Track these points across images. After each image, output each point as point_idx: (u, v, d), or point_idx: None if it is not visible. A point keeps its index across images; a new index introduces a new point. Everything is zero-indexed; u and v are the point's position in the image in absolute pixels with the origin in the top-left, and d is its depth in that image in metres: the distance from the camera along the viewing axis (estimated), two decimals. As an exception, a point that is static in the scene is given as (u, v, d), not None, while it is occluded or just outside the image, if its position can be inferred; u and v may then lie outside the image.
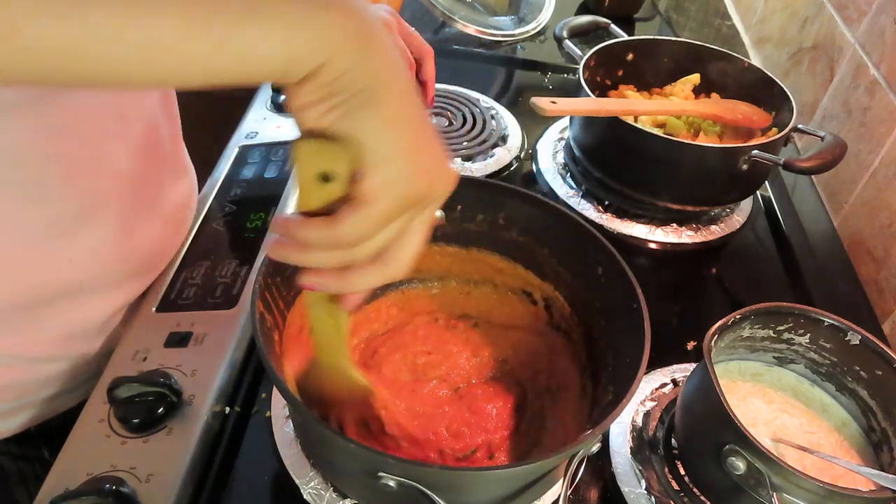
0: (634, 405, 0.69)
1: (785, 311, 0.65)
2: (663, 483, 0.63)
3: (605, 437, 0.66)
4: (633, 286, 0.58)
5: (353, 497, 0.58)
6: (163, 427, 0.60)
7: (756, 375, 0.69)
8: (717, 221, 0.95)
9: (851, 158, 0.91)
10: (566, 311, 0.68)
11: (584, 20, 1.11)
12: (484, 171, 0.97)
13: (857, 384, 0.64)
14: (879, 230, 0.86)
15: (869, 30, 0.94)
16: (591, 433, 0.50)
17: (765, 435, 0.63)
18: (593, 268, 0.63)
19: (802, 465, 0.59)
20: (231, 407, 0.65)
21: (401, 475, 0.47)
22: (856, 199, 0.92)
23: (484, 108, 1.08)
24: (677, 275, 0.90)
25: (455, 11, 1.24)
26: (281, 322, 0.60)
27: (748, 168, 0.84)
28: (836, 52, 1.03)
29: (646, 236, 0.91)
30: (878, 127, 0.89)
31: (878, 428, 0.63)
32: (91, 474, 0.57)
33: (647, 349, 0.54)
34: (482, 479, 0.51)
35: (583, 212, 0.92)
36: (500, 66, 1.24)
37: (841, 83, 1.00)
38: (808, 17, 1.13)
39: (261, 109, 1.01)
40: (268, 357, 0.50)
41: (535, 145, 1.04)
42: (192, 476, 0.59)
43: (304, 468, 0.60)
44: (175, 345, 0.67)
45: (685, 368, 0.73)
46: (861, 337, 0.63)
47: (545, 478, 0.52)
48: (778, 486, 0.53)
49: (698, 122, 0.95)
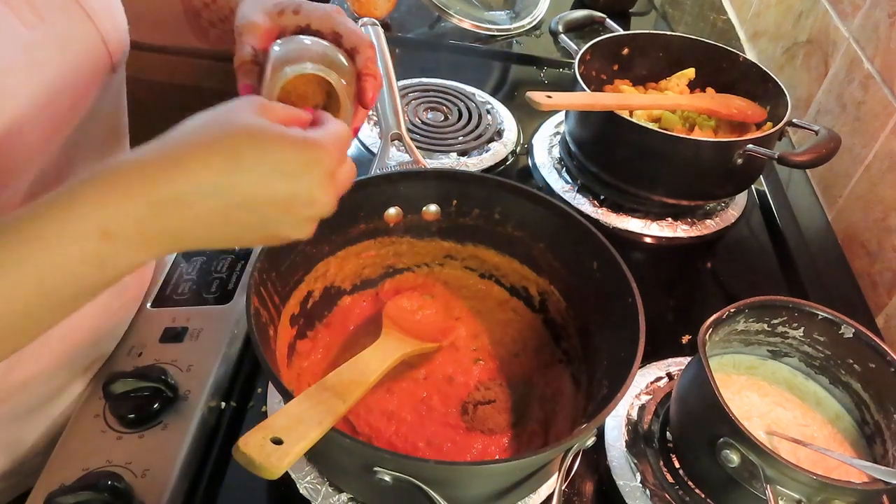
0: (629, 399, 0.69)
1: (779, 305, 0.65)
2: (658, 476, 0.63)
3: (601, 431, 0.66)
4: (629, 280, 0.58)
5: (348, 492, 0.58)
6: (158, 422, 0.60)
7: (750, 369, 0.69)
8: (712, 216, 0.95)
9: (845, 152, 0.92)
10: (561, 306, 0.68)
11: (580, 14, 1.11)
12: (480, 165, 0.97)
13: (850, 377, 0.65)
14: (873, 224, 0.87)
15: (863, 24, 0.94)
16: (586, 427, 0.50)
17: (759, 428, 0.63)
18: (588, 262, 0.64)
19: (796, 458, 0.60)
20: (227, 402, 0.65)
21: (396, 470, 0.47)
22: (850, 193, 0.92)
23: (480, 103, 1.07)
24: (672, 269, 0.90)
25: (450, 6, 1.24)
26: (276, 317, 0.60)
27: (743, 162, 0.84)
28: (830, 46, 1.03)
29: (641, 230, 0.91)
30: (872, 121, 0.89)
31: (872, 421, 0.63)
32: (87, 470, 0.57)
33: (641, 343, 0.54)
34: (477, 474, 0.51)
35: (578, 206, 0.92)
36: (496, 61, 1.24)
37: (835, 77, 1.00)
38: (803, 12, 1.14)
39: (255, 104, 1.01)
40: (263, 352, 0.50)
41: (530, 140, 1.04)
42: (188, 471, 0.59)
43: (299, 463, 0.60)
44: (170, 340, 0.67)
45: (680, 362, 0.73)
46: (855, 330, 0.63)
47: (540, 472, 0.53)
48: (772, 478, 0.53)
49: (693, 117, 0.95)
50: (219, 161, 0.40)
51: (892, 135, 0.85)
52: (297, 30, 0.54)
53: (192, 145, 0.40)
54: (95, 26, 0.54)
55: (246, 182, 0.40)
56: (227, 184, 0.40)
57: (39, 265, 0.37)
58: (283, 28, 0.54)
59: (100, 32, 0.55)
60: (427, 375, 0.66)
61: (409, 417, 0.62)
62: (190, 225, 0.40)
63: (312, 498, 0.58)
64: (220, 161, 0.40)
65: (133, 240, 0.39)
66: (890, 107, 0.86)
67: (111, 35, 0.56)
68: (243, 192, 0.41)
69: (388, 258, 0.72)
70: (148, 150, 0.40)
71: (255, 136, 0.40)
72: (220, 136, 0.40)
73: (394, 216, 0.69)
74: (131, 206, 0.38)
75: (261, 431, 0.42)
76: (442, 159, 0.96)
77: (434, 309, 0.71)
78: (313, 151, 0.42)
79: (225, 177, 0.40)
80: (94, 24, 0.54)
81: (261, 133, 0.41)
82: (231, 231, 0.42)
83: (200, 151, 0.40)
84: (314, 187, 0.43)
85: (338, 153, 0.44)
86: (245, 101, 0.43)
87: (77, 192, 0.38)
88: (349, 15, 1.23)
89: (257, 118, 0.41)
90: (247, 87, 0.52)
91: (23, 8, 0.49)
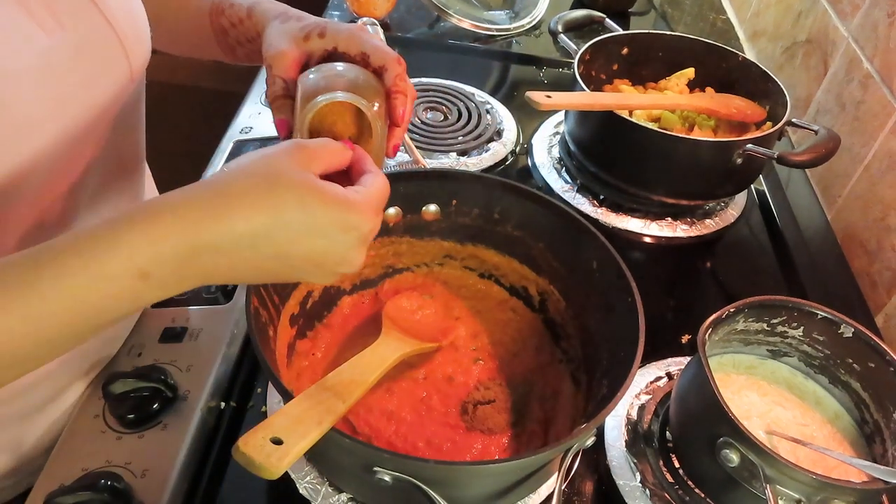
0: (629, 398, 0.69)
1: (778, 305, 0.65)
2: (658, 476, 0.63)
3: (600, 431, 0.66)
4: (628, 280, 0.58)
5: (348, 492, 0.58)
6: (158, 422, 0.60)
7: (750, 368, 0.69)
8: (711, 215, 0.95)
9: (845, 152, 0.92)
10: (561, 306, 0.68)
11: (579, 14, 1.11)
12: (479, 165, 0.97)
13: (849, 377, 0.65)
14: (873, 223, 0.87)
15: (862, 24, 0.95)
16: (586, 427, 0.50)
17: (758, 427, 0.63)
18: (588, 262, 0.64)
19: (796, 458, 0.60)
20: (226, 402, 0.65)
21: (395, 470, 0.47)
22: (849, 193, 0.92)
23: (479, 103, 1.07)
24: (672, 269, 0.90)
25: (450, 6, 1.24)
26: (276, 317, 0.60)
27: (742, 162, 0.84)
28: (829, 45, 1.03)
29: (640, 230, 0.91)
30: (872, 121, 0.89)
31: (871, 420, 0.63)
32: (86, 470, 0.57)
33: (641, 343, 0.54)
34: (477, 474, 0.51)
35: (578, 206, 0.93)
36: (496, 61, 1.24)
37: (834, 77, 1.00)
38: (802, 11, 1.14)
39: (255, 104, 1.01)
40: (262, 352, 0.50)
41: (530, 140, 1.04)
42: (188, 471, 0.59)
43: (299, 463, 0.60)
44: (170, 340, 0.67)
45: (680, 362, 0.73)
46: (854, 330, 0.63)
47: (540, 471, 0.53)
48: (771, 477, 0.53)
49: (693, 117, 0.95)
50: (261, 218, 0.40)
51: (891, 134, 0.85)
52: (324, 54, 0.55)
53: (236, 196, 0.40)
54: (116, 33, 0.54)
55: (283, 239, 0.41)
56: (265, 239, 0.41)
57: (76, 299, 0.38)
58: (311, 54, 0.55)
59: (120, 40, 0.54)
60: (427, 375, 0.66)
61: (409, 417, 0.62)
62: (224, 270, 0.41)
63: (312, 498, 0.58)
64: (262, 218, 0.40)
65: (168, 280, 0.40)
66: (889, 106, 0.86)
67: (132, 43, 0.56)
68: (279, 247, 0.42)
69: (387, 258, 0.72)
70: (193, 193, 0.41)
71: (300, 195, 0.41)
72: (265, 191, 0.41)
73: (393, 216, 0.69)
74: (171, 251, 0.39)
75: (260, 431, 0.42)
76: (442, 159, 0.96)
77: (434, 309, 0.71)
78: (354, 215, 0.43)
79: (264, 232, 0.41)
80: (115, 31, 0.54)
81: (305, 192, 0.41)
82: (260, 275, 0.44)
83: (244, 206, 0.40)
84: (349, 249, 0.44)
85: (376, 216, 0.45)
86: (290, 149, 0.43)
87: (119, 230, 0.39)
88: (349, 15, 1.23)
89: (302, 173, 0.42)
90: (282, 122, 0.54)
91: (43, 14, 0.48)
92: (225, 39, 0.66)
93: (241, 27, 0.64)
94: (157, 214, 0.39)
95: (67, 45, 0.50)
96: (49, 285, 0.37)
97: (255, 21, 0.62)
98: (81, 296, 0.38)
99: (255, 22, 0.62)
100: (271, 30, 0.57)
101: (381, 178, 0.47)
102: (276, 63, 0.54)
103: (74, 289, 0.38)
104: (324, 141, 0.46)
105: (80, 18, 0.51)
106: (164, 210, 0.40)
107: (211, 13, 0.65)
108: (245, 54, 0.66)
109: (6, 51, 0.46)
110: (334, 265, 0.45)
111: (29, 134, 0.48)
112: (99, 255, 0.38)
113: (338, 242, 0.43)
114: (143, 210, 0.40)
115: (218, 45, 0.67)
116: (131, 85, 0.58)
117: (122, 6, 0.55)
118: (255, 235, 0.41)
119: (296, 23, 0.57)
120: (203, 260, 0.40)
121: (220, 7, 0.65)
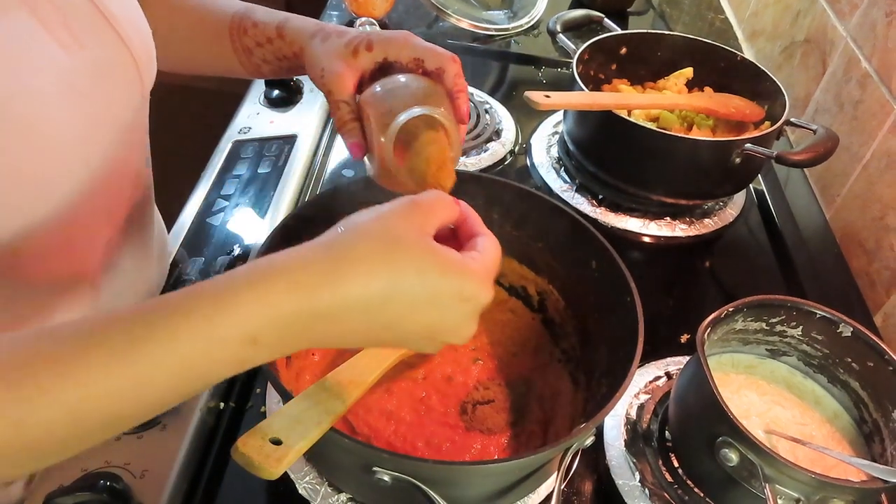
0: (628, 398, 0.69)
1: (777, 304, 0.65)
2: (657, 475, 0.63)
3: (600, 430, 0.66)
4: (627, 280, 0.58)
5: (347, 492, 0.58)
6: (157, 423, 0.60)
7: (749, 368, 0.69)
8: (710, 215, 0.95)
9: (843, 151, 0.92)
10: (560, 305, 0.68)
11: (578, 14, 1.11)
12: (478, 165, 0.97)
13: (848, 376, 0.65)
14: (871, 222, 0.87)
15: (860, 23, 0.95)
16: (585, 426, 0.50)
17: (758, 427, 0.63)
18: (587, 262, 0.64)
19: (795, 457, 0.60)
20: (226, 402, 0.65)
21: (395, 470, 0.47)
22: (848, 192, 0.93)
23: (478, 103, 1.07)
24: (671, 268, 0.90)
25: (448, 6, 1.23)
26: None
27: (741, 161, 0.84)
28: (828, 45, 1.03)
29: (639, 230, 0.91)
30: (870, 120, 0.89)
31: (870, 419, 0.63)
32: (85, 470, 0.57)
33: (640, 342, 0.54)
34: (476, 474, 0.52)
35: (577, 206, 0.93)
36: (494, 61, 1.24)
37: (833, 76, 1.00)
38: (801, 11, 1.14)
39: (254, 105, 1.01)
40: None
41: (529, 139, 1.04)
42: (187, 472, 0.59)
43: (299, 463, 0.60)
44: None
45: (679, 361, 0.73)
46: (853, 329, 0.63)
47: (539, 471, 0.53)
48: (770, 477, 0.54)
49: (691, 116, 0.96)
50: (378, 284, 0.39)
51: (889, 134, 0.85)
52: (375, 67, 0.55)
53: (353, 262, 0.39)
54: (130, 52, 0.53)
55: (397, 309, 0.40)
56: (380, 307, 0.39)
57: (183, 363, 0.36)
58: (363, 70, 0.55)
59: (135, 60, 0.53)
60: (426, 375, 0.66)
61: (408, 417, 0.62)
62: (333, 337, 0.40)
63: (311, 498, 0.58)
64: (380, 286, 0.39)
65: (275, 345, 0.38)
66: (887, 106, 0.86)
67: (144, 63, 0.55)
68: (392, 316, 0.40)
69: (386, 258, 0.72)
70: (308, 256, 0.39)
71: (418, 262, 0.40)
72: (383, 255, 0.39)
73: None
74: (282, 318, 0.37)
75: (260, 432, 0.42)
76: (440, 159, 0.96)
77: None
78: (471, 285, 0.41)
79: (379, 301, 0.39)
80: (129, 51, 0.52)
81: (424, 260, 0.40)
82: (368, 341, 0.42)
83: (361, 273, 0.38)
84: (463, 320, 0.42)
85: (490, 286, 0.43)
86: (405, 209, 0.42)
87: (231, 291, 0.37)
88: (348, 15, 1.23)
89: (420, 237, 0.40)
90: (355, 145, 0.53)
91: (62, 32, 0.47)
92: (249, 59, 0.65)
93: (269, 46, 0.62)
94: (272, 277, 0.37)
95: (87, 64, 0.48)
96: (159, 348, 0.35)
97: (288, 41, 0.61)
98: (190, 360, 0.36)
99: (288, 42, 0.61)
100: (314, 50, 0.56)
101: (494, 241, 0.45)
102: (335, 88, 0.53)
103: (184, 352, 0.36)
104: (435, 196, 0.44)
105: (99, 38, 0.50)
106: (278, 274, 0.38)
107: (231, 31, 0.64)
108: (271, 71, 0.65)
109: (29, 68, 0.44)
110: (445, 336, 0.43)
111: (60, 156, 0.46)
112: (210, 318, 0.36)
113: (453, 312, 0.41)
114: (257, 271, 0.38)
115: (240, 64, 0.66)
116: (144, 106, 0.57)
117: (134, 26, 0.54)
118: (369, 302, 0.39)
119: (337, 39, 0.56)
120: (315, 327, 0.38)
121: (242, 26, 0.63)
